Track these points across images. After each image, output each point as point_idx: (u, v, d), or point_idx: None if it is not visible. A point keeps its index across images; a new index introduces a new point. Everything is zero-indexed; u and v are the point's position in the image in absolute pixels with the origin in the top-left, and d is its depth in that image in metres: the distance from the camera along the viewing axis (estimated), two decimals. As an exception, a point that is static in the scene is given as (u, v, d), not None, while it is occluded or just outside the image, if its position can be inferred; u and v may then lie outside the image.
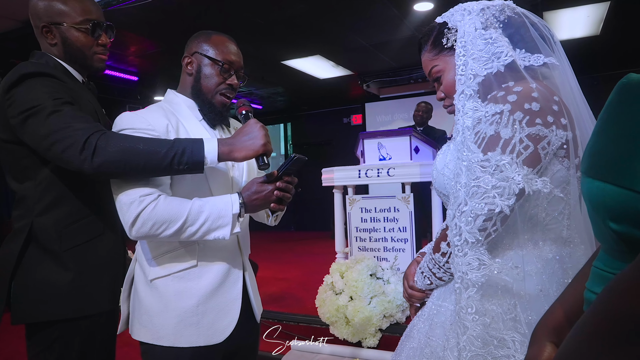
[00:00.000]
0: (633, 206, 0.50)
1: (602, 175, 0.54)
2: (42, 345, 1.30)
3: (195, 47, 1.43)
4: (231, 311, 1.37)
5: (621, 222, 0.52)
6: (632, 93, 0.53)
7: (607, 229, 0.55)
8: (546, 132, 0.95)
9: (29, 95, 1.23)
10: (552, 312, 0.74)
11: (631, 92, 0.53)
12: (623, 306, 0.44)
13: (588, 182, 0.57)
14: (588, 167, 0.58)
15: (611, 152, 0.55)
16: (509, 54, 1.02)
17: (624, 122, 0.53)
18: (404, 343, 1.13)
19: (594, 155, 0.57)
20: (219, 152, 1.23)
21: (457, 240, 0.95)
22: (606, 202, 0.54)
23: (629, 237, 0.52)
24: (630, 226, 0.51)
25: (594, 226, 0.61)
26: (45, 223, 1.31)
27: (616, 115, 0.55)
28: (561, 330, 0.70)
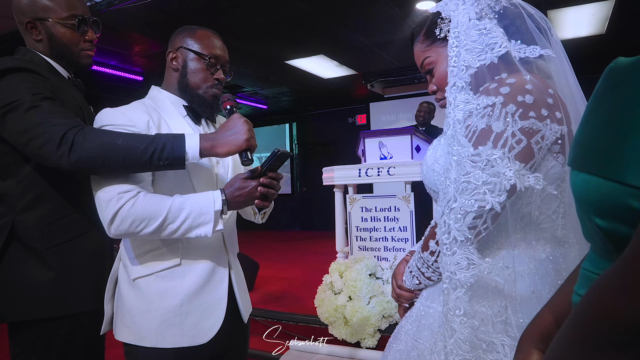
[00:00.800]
0: (620, 200, 0.45)
1: (586, 167, 0.50)
2: (24, 345, 1.27)
3: (179, 42, 1.39)
4: (216, 311, 1.33)
5: (607, 218, 0.47)
6: (619, 77, 0.48)
7: (593, 225, 0.50)
8: (540, 125, 0.90)
9: (8, 91, 1.20)
10: (539, 317, 0.70)
11: (619, 76, 0.48)
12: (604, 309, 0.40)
13: (573, 175, 0.53)
14: (573, 159, 0.53)
15: (596, 142, 0.49)
16: (503, 45, 0.97)
17: (610, 109, 0.48)
18: (391, 345, 1.09)
19: (579, 147, 0.52)
20: (200, 147, 1.19)
21: (446, 239, 0.91)
22: (591, 196, 0.49)
23: (615, 234, 0.47)
24: (617, 222, 0.47)
25: (581, 224, 0.56)
26: (27, 221, 1.28)
27: (603, 103, 0.50)
28: (549, 337, 0.65)
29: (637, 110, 0.44)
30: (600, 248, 0.53)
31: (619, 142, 0.45)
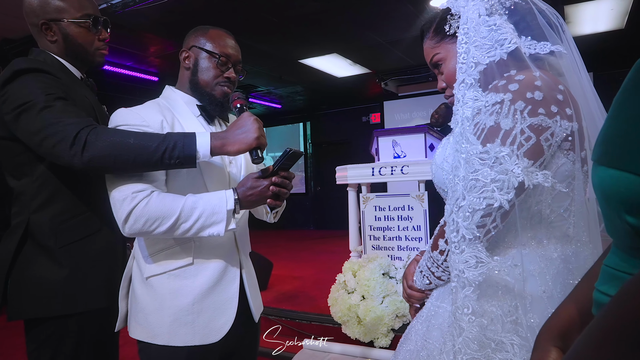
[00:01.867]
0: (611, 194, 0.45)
1: (617, 162, 0.48)
2: (38, 341, 1.30)
3: (192, 41, 1.40)
4: (227, 310, 1.33)
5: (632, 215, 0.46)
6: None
7: (622, 223, 0.49)
8: (549, 122, 0.89)
9: (22, 91, 1.22)
10: (557, 315, 0.68)
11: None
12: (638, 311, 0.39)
13: (601, 171, 0.51)
14: (601, 155, 0.52)
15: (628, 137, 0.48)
16: (513, 41, 0.96)
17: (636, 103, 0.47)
18: (401, 345, 1.08)
19: (608, 142, 0.51)
20: (211, 145, 1.20)
21: (454, 237, 0.90)
22: (621, 192, 0.48)
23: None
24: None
25: (605, 220, 0.55)
26: (41, 220, 1.30)
27: (633, 97, 0.49)
28: (567, 335, 0.64)
29: None
30: (626, 245, 0.52)
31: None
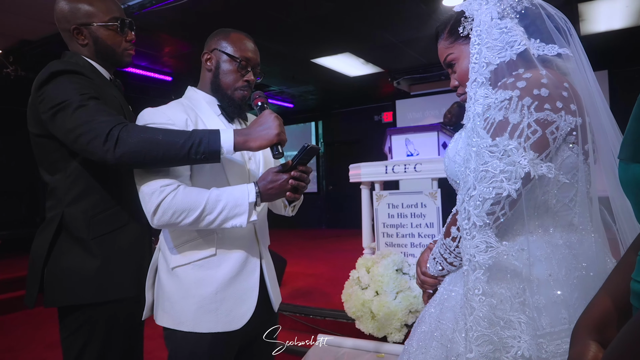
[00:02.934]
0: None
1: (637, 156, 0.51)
2: (71, 329, 1.38)
3: (214, 44, 1.47)
4: (249, 299, 1.40)
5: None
6: None
7: None
8: (555, 117, 0.94)
9: (58, 92, 1.30)
10: (592, 308, 0.70)
11: None
12: None
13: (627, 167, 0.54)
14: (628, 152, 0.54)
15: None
16: (522, 42, 1.01)
17: None
18: (416, 328, 1.14)
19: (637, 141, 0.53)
20: (234, 141, 1.27)
21: (466, 224, 0.95)
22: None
23: None
24: None
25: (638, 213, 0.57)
26: (75, 213, 1.38)
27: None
28: (605, 328, 0.65)
29: None
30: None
31: None
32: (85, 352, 1.37)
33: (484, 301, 0.89)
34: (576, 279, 0.95)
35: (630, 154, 0.55)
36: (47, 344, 3.73)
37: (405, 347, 1.13)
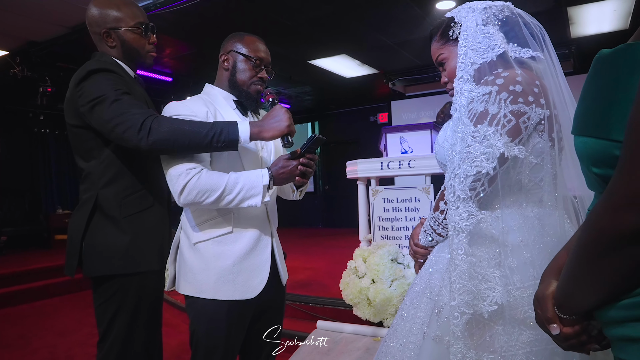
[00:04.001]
0: (608, 152, 0.63)
1: (584, 131, 0.68)
2: (105, 296, 1.55)
3: (230, 46, 1.65)
4: (262, 272, 1.58)
5: (601, 167, 0.65)
6: (603, 63, 0.67)
7: (591, 174, 0.67)
8: (527, 109, 1.13)
9: (95, 87, 1.47)
10: (555, 259, 0.85)
11: (603, 62, 0.67)
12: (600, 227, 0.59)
13: (575, 140, 0.70)
14: (574, 127, 0.70)
15: (589, 112, 0.67)
16: (502, 46, 1.20)
17: (598, 87, 0.67)
18: (409, 289, 1.32)
19: (578, 117, 0.70)
20: (250, 132, 1.45)
21: (452, 197, 1.14)
22: (588, 152, 0.67)
23: (607, 177, 0.62)
24: (608, 168, 0.63)
25: (585, 177, 0.73)
26: (108, 195, 1.55)
27: (593, 83, 0.68)
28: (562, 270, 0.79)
29: (617, 86, 0.62)
30: (598, 191, 0.70)
31: (606, 111, 0.63)
32: (117, 317, 1.54)
33: (466, 259, 1.07)
34: (543, 244, 1.13)
35: (572, 129, 0.72)
36: (57, 332, 3.89)
37: (400, 305, 1.31)
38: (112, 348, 1.55)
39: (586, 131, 0.67)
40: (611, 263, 0.58)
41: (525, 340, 1.05)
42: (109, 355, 1.55)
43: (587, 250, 0.62)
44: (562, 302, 0.70)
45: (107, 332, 1.56)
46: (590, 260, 0.62)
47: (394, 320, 1.31)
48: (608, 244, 0.58)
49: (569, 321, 0.70)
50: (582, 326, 0.70)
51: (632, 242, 0.54)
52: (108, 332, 1.56)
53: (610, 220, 0.57)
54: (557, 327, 0.71)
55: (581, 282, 0.64)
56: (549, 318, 0.73)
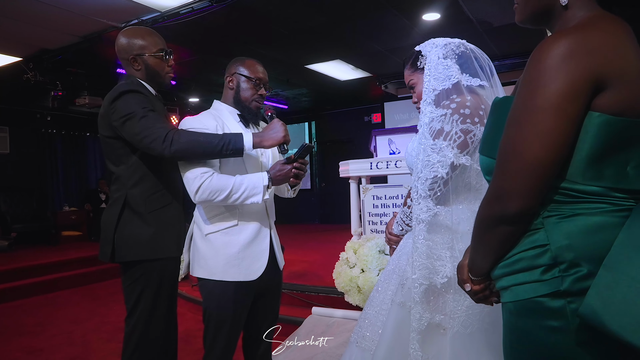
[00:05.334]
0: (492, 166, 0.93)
1: (482, 151, 1.00)
2: (133, 278, 1.85)
3: (234, 69, 1.96)
4: (262, 258, 1.89)
5: (489, 175, 0.97)
6: (494, 107, 0.99)
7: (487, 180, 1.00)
8: (473, 128, 1.44)
9: (126, 106, 1.77)
10: None
11: (494, 106, 0.99)
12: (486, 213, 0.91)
13: (479, 156, 1.04)
14: (480, 148, 1.03)
15: (486, 139, 0.99)
16: (456, 76, 1.51)
17: (491, 122, 0.99)
18: (383, 271, 1.64)
19: (481, 142, 1.03)
20: (253, 141, 1.76)
21: (415, 195, 1.45)
22: (483, 166, 1.00)
23: None
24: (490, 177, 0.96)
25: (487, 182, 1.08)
26: (135, 194, 1.86)
27: (489, 119, 1.01)
28: None
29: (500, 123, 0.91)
30: None
31: (494, 139, 0.93)
32: (142, 296, 1.85)
33: (424, 243, 1.39)
34: (485, 232, 1.44)
35: (480, 149, 1.04)
36: (70, 320, 4.20)
37: (377, 281, 1.62)
38: (139, 320, 1.86)
39: (484, 152, 1.00)
40: (492, 237, 0.90)
41: (467, 305, 1.37)
42: (136, 326, 1.86)
43: (478, 229, 0.94)
44: (471, 267, 1.02)
45: (134, 308, 1.87)
46: (481, 236, 0.94)
47: (371, 293, 1.63)
48: (488, 224, 0.90)
49: (477, 281, 1.02)
50: (485, 285, 1.02)
51: (500, 222, 0.87)
52: (135, 308, 1.87)
53: (488, 209, 0.89)
54: (469, 285, 1.03)
55: (478, 251, 0.97)
56: (464, 280, 1.05)
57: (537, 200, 0.84)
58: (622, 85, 0.80)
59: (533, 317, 0.85)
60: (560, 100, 0.79)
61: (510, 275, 0.90)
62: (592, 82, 0.79)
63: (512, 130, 0.85)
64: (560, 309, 0.81)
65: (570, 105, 0.79)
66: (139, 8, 4.36)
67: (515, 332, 0.89)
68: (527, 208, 0.84)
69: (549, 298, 0.83)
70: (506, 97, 0.96)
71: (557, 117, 0.79)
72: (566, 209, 0.85)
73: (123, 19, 4.65)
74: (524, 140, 0.82)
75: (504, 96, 0.97)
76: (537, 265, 0.85)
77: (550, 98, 0.79)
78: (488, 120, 1.01)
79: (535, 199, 0.83)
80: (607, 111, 0.80)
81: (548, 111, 0.79)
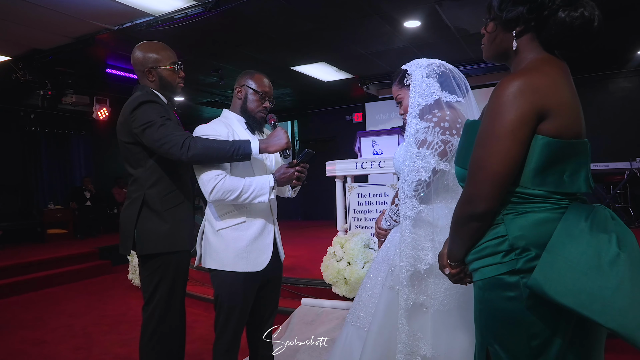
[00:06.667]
0: (459, 175, 1.23)
1: (457, 163, 1.27)
2: (151, 269, 2.07)
3: (243, 82, 2.19)
4: (267, 250, 2.13)
5: (463, 182, 1.23)
6: (466, 127, 1.26)
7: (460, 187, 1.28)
8: (452, 139, 1.71)
9: (145, 115, 1.99)
10: None
11: (466, 126, 1.26)
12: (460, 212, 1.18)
13: (455, 167, 1.31)
14: (455, 159, 1.31)
15: (460, 153, 1.26)
16: (437, 93, 1.77)
17: (464, 140, 1.25)
18: (374, 260, 1.90)
19: (456, 154, 1.30)
20: (259, 147, 1.99)
21: (402, 195, 1.71)
22: (458, 175, 1.26)
23: None
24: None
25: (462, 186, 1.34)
26: (152, 194, 2.07)
27: (462, 137, 1.27)
28: None
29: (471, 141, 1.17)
30: None
31: (466, 153, 1.20)
32: (159, 285, 2.07)
33: (410, 236, 1.65)
34: (461, 226, 1.72)
35: (455, 160, 1.31)
36: (70, 314, 4.37)
37: (368, 269, 1.89)
38: (156, 307, 2.08)
39: (458, 163, 1.27)
40: (465, 231, 1.18)
41: (445, 287, 1.64)
42: (154, 312, 2.08)
43: (455, 225, 1.22)
44: (449, 255, 1.29)
45: (152, 296, 2.09)
46: (456, 230, 1.21)
47: (364, 279, 1.89)
48: (462, 222, 1.17)
49: (454, 266, 1.29)
50: (460, 269, 1.29)
51: (471, 220, 1.14)
52: (153, 296, 2.09)
53: (461, 210, 1.17)
54: (448, 269, 1.30)
55: (455, 242, 1.24)
56: (444, 265, 1.32)
57: (498, 202, 1.11)
58: (558, 115, 1.08)
59: (496, 290, 1.13)
60: (513, 127, 1.07)
61: (479, 260, 1.17)
62: (536, 113, 1.07)
63: (479, 149, 1.12)
64: (516, 283, 1.09)
65: (520, 131, 1.07)
66: (134, 12, 4.52)
67: (483, 302, 1.17)
68: (491, 208, 1.11)
69: (507, 275, 1.10)
70: (475, 121, 1.24)
71: (511, 140, 1.07)
72: (520, 207, 1.12)
73: (117, 22, 4.80)
74: (487, 158, 1.09)
75: (474, 120, 1.25)
76: (499, 251, 1.12)
77: (506, 125, 1.07)
78: (461, 138, 1.28)
79: (496, 201, 1.11)
80: (548, 135, 1.08)
81: (504, 135, 1.07)
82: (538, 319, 1.07)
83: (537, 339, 1.08)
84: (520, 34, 1.19)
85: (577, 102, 1.15)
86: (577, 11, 1.11)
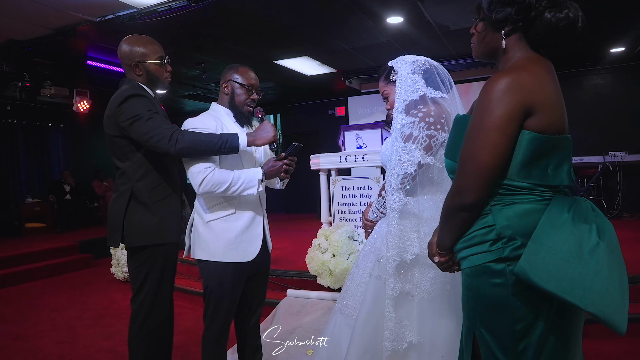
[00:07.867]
0: (448, 167, 1.29)
1: (447, 155, 1.32)
2: (139, 262, 2.09)
3: (229, 76, 2.21)
4: (256, 241, 2.17)
5: (452, 174, 1.29)
6: (456, 121, 1.32)
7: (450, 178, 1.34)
8: (436, 133, 1.77)
9: (132, 108, 1.99)
10: None
11: (456, 121, 1.32)
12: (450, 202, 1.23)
13: (445, 159, 1.37)
14: (445, 152, 1.36)
15: (450, 145, 1.31)
16: (422, 89, 1.83)
17: (454, 134, 1.31)
18: (361, 251, 1.96)
19: (446, 147, 1.35)
20: (247, 140, 2.02)
21: (389, 188, 1.77)
22: (448, 167, 1.32)
23: None
24: (451, 175, 1.29)
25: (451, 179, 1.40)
26: (140, 186, 2.08)
27: (452, 131, 1.33)
28: None
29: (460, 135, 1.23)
30: None
31: (456, 147, 1.26)
32: (148, 277, 2.09)
33: (397, 227, 1.71)
34: (445, 218, 1.78)
35: (445, 153, 1.37)
36: (52, 309, 4.33)
37: (356, 259, 1.94)
38: (145, 298, 2.10)
39: (448, 156, 1.32)
40: (454, 221, 1.23)
41: (431, 276, 1.71)
42: (143, 303, 2.10)
43: (444, 215, 1.27)
44: (438, 244, 1.35)
45: (141, 288, 2.11)
46: (446, 220, 1.27)
47: (352, 269, 1.95)
48: (451, 212, 1.23)
49: (443, 254, 1.35)
50: (449, 257, 1.35)
51: (460, 210, 1.20)
52: (141, 288, 2.11)
53: (451, 201, 1.22)
54: (437, 257, 1.36)
55: (444, 232, 1.30)
56: (433, 254, 1.38)
57: (486, 194, 1.17)
58: (543, 112, 1.15)
59: (483, 277, 1.19)
60: (501, 123, 1.12)
61: (467, 248, 1.23)
62: (523, 110, 1.13)
63: (468, 143, 1.18)
64: (502, 270, 1.16)
65: (508, 126, 1.13)
66: (116, 4, 4.47)
67: (471, 289, 1.23)
68: (479, 199, 1.17)
69: (494, 263, 1.17)
70: (465, 115, 1.29)
71: (499, 135, 1.13)
72: (506, 199, 1.18)
73: (98, 14, 4.74)
74: (476, 151, 1.15)
75: (464, 114, 1.30)
76: (487, 240, 1.19)
77: (494, 121, 1.13)
78: (451, 131, 1.34)
79: (484, 193, 1.17)
80: (534, 130, 1.14)
81: (492, 131, 1.13)
82: (522, 304, 1.14)
83: (521, 322, 1.14)
84: (509, 34, 1.25)
85: (561, 99, 1.22)
86: (562, 12, 1.17)
